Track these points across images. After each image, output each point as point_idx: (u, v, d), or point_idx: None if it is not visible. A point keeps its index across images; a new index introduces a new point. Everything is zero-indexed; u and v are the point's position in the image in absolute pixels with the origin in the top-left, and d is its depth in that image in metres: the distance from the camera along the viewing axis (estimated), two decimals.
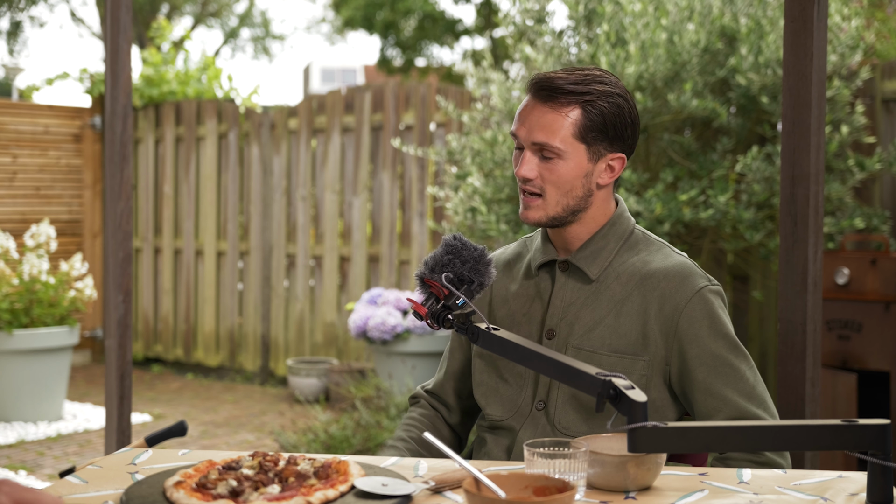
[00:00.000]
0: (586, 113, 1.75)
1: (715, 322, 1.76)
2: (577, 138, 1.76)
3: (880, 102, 4.60)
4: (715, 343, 1.75)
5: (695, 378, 1.75)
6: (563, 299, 1.83)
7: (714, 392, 1.74)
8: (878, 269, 3.94)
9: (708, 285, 1.78)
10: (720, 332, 1.76)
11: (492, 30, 16.15)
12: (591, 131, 1.76)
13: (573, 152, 1.76)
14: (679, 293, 1.76)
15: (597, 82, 1.77)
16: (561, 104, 1.75)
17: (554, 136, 1.75)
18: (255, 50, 24.47)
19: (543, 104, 1.77)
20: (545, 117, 1.76)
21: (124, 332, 3.24)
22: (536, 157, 1.78)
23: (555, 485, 1.29)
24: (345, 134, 6.64)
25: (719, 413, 1.73)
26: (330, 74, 34.88)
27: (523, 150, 1.80)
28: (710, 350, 1.75)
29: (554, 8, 15.25)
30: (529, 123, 1.77)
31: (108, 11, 3.22)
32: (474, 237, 4.56)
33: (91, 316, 7.65)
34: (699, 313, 1.76)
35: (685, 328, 1.75)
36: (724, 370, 1.74)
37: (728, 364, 1.75)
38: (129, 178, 3.25)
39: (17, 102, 7.77)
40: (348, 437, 4.46)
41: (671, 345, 1.76)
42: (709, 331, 1.75)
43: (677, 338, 1.75)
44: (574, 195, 1.79)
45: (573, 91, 1.75)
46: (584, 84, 1.76)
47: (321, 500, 1.33)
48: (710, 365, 1.74)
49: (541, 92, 1.77)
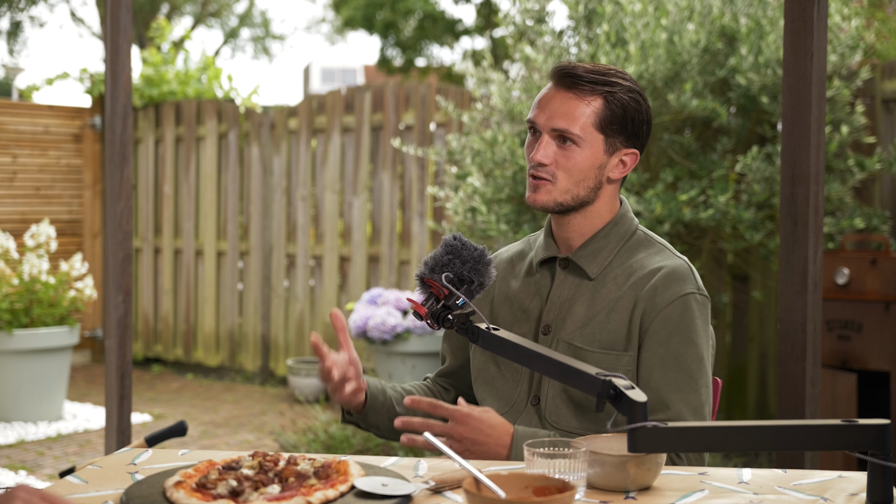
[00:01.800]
0: (608, 104, 1.77)
1: (689, 329, 1.75)
2: (596, 128, 1.77)
3: (880, 102, 4.60)
4: (683, 348, 1.74)
5: (650, 376, 1.74)
6: (561, 295, 1.84)
7: (662, 396, 1.73)
8: (878, 269, 3.94)
9: (695, 293, 1.78)
10: (691, 339, 1.75)
11: (492, 30, 16.16)
12: (611, 123, 1.78)
13: (591, 141, 1.78)
14: (665, 293, 1.76)
15: (618, 76, 1.80)
16: (584, 92, 1.77)
17: (574, 122, 1.76)
18: (255, 50, 24.47)
19: (567, 91, 1.78)
20: (567, 104, 1.77)
21: (124, 332, 3.24)
22: (554, 144, 1.78)
23: (555, 485, 1.29)
24: (345, 134, 6.64)
25: (660, 413, 1.72)
26: (330, 74, 34.88)
27: (539, 138, 1.80)
28: (674, 353, 1.74)
29: (554, 8, 15.27)
30: (550, 109, 1.78)
31: (108, 11, 3.22)
32: (474, 237, 4.56)
33: (91, 316, 7.65)
34: (676, 317, 1.75)
35: (658, 328, 1.75)
36: (681, 378, 1.73)
37: (687, 374, 1.73)
38: (129, 178, 3.25)
39: (17, 102, 7.77)
40: (348, 437, 4.46)
41: (642, 339, 1.76)
42: (680, 336, 1.75)
43: (648, 333, 1.75)
44: (585, 185, 1.79)
45: (597, 80, 1.77)
46: (606, 76, 1.79)
47: (321, 500, 1.33)
48: (670, 368, 1.73)
49: (565, 79, 1.79)
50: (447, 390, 2.02)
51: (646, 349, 1.75)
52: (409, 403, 1.63)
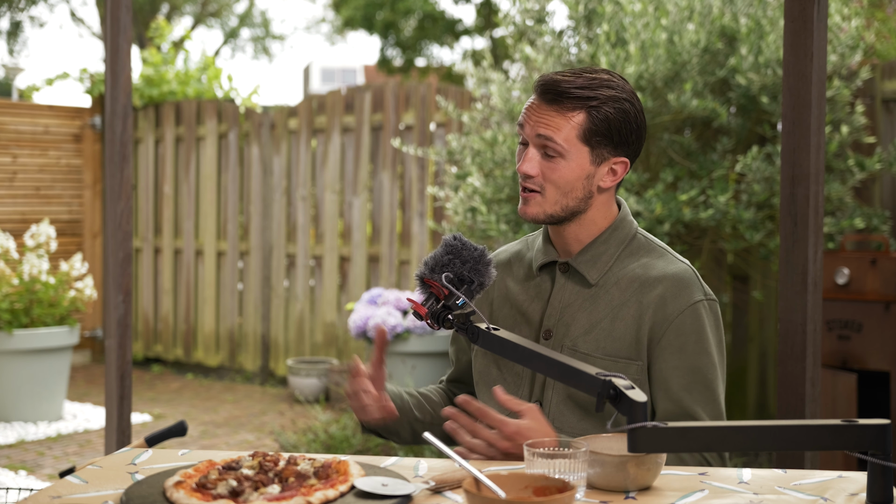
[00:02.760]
0: (591, 118, 1.75)
1: (702, 338, 1.76)
2: (581, 140, 1.75)
3: (880, 102, 4.60)
4: (698, 359, 1.75)
5: (669, 388, 1.74)
6: (562, 300, 1.83)
7: (684, 407, 1.73)
8: (878, 269, 3.94)
9: (704, 299, 1.78)
10: (705, 349, 1.75)
11: (492, 30, 16.15)
12: (595, 135, 1.76)
13: (576, 153, 1.76)
14: (674, 303, 1.76)
15: (603, 86, 1.76)
16: (566, 108, 1.75)
17: (557, 135, 1.75)
18: (255, 50, 24.47)
19: (549, 106, 1.76)
20: (551, 119, 1.75)
21: (124, 332, 3.24)
22: (539, 155, 1.77)
23: (555, 485, 1.29)
24: (345, 134, 6.64)
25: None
26: (330, 74, 34.88)
27: (527, 147, 1.80)
28: (691, 365, 1.74)
29: (554, 8, 15.25)
30: (534, 121, 1.77)
31: (108, 11, 3.22)
32: (474, 237, 4.56)
33: (91, 316, 7.65)
34: (689, 327, 1.75)
35: (671, 339, 1.75)
36: (699, 388, 1.74)
37: (705, 384, 1.74)
38: (129, 178, 3.25)
39: (17, 102, 7.77)
40: (348, 437, 4.46)
41: (653, 349, 1.76)
42: (695, 346, 1.75)
43: (660, 345, 1.75)
44: (574, 196, 1.78)
45: (579, 96, 1.74)
46: (590, 88, 1.75)
47: (321, 500, 1.33)
48: (688, 380, 1.74)
49: (546, 94, 1.76)
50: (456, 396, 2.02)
51: (660, 360, 1.75)
52: (461, 401, 1.63)
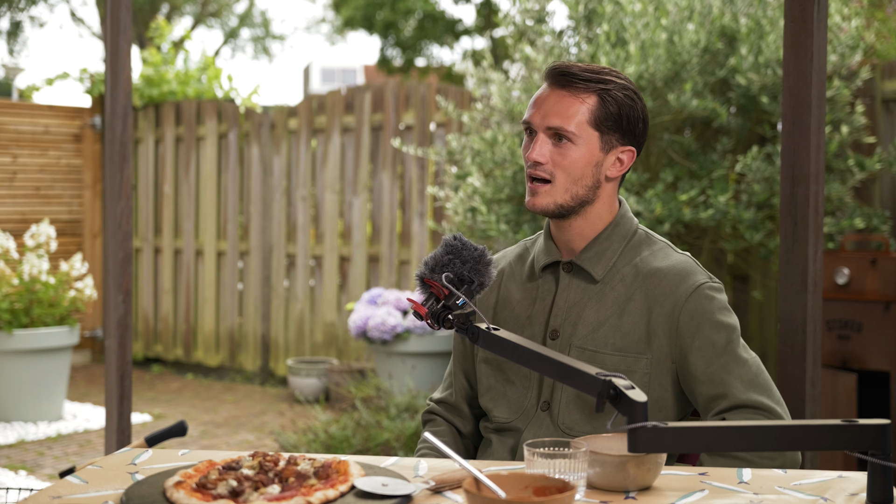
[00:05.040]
0: (602, 101, 1.78)
1: (715, 315, 1.77)
2: (591, 125, 1.78)
3: (880, 102, 4.60)
4: (716, 334, 1.76)
5: (696, 369, 1.75)
6: (567, 299, 1.83)
7: (715, 380, 1.74)
8: (878, 269, 3.94)
9: (708, 282, 1.79)
10: (720, 323, 1.77)
11: (492, 30, 16.15)
12: (606, 120, 1.79)
13: (586, 138, 1.78)
14: (679, 289, 1.77)
15: (612, 75, 1.81)
16: (578, 90, 1.78)
17: (569, 120, 1.77)
18: (255, 50, 24.46)
19: (561, 89, 1.79)
20: (562, 102, 1.78)
21: (124, 332, 3.24)
22: (549, 142, 1.79)
23: (555, 485, 1.29)
24: (345, 134, 6.64)
25: (722, 400, 1.73)
26: (330, 74, 34.88)
27: (534, 137, 1.81)
28: (710, 341, 1.75)
29: (554, 8, 15.27)
30: (545, 108, 1.79)
31: (108, 11, 3.22)
32: (474, 237, 4.56)
33: (91, 316, 7.65)
34: (699, 308, 1.76)
35: (686, 322, 1.76)
36: (725, 359, 1.75)
37: (729, 353, 1.75)
38: (129, 178, 3.25)
39: (17, 102, 7.77)
40: (348, 437, 4.46)
41: (674, 341, 1.76)
42: (710, 323, 1.76)
43: (679, 333, 1.76)
44: (583, 184, 1.80)
45: (591, 79, 1.79)
46: (601, 74, 1.80)
47: (321, 500, 1.33)
48: (711, 354, 1.75)
49: (559, 78, 1.80)
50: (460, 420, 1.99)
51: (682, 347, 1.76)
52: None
